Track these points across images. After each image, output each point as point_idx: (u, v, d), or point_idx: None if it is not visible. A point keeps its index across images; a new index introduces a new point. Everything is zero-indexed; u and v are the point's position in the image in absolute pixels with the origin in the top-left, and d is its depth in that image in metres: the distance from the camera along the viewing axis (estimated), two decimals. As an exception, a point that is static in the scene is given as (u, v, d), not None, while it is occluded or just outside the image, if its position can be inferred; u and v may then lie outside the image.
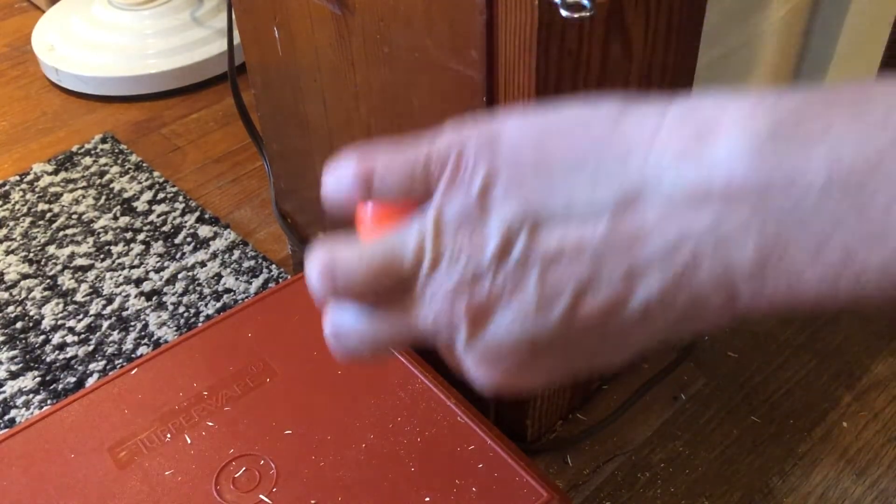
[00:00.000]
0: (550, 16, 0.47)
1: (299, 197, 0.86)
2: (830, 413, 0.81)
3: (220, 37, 1.35)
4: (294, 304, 0.73)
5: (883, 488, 0.75)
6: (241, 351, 0.69)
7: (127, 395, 0.66)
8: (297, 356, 0.68)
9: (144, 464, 0.60)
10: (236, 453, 0.61)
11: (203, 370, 0.67)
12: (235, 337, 0.70)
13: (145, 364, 0.68)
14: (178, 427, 0.63)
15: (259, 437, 0.62)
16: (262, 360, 0.68)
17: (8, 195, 1.13)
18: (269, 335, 0.70)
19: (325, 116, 0.71)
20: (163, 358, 0.69)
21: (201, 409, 0.64)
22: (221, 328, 0.71)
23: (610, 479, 0.76)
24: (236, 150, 1.21)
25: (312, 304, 0.71)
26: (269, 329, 0.71)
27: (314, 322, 0.70)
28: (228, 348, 0.69)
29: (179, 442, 0.62)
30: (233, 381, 0.66)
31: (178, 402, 0.65)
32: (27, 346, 0.92)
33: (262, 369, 0.67)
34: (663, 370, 0.83)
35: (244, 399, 0.65)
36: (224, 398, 0.65)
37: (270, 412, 0.64)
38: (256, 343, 0.69)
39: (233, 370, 0.67)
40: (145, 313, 0.95)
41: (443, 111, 0.57)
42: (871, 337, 0.88)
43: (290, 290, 0.74)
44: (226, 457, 0.61)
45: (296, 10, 0.66)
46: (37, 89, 1.36)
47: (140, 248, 1.04)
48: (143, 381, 0.67)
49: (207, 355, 0.69)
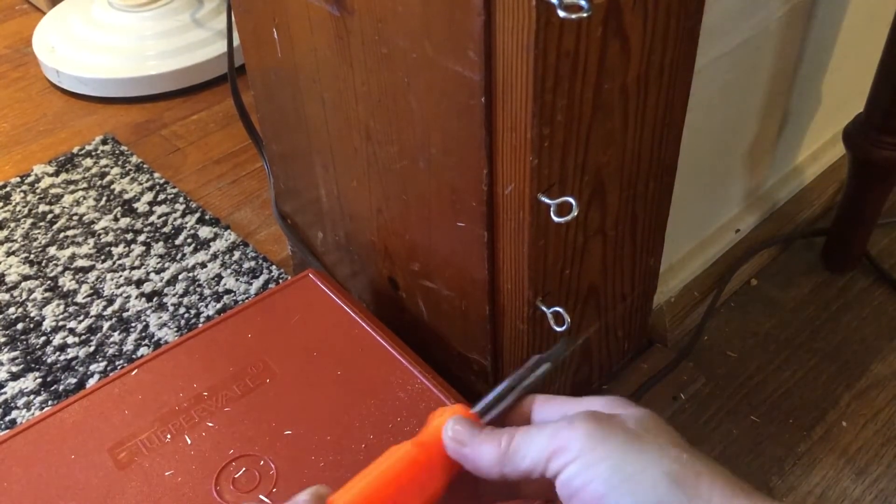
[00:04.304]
0: (548, 17, 0.47)
1: (299, 198, 0.86)
2: (830, 412, 0.81)
3: (220, 38, 1.36)
4: (293, 304, 0.73)
5: (882, 488, 0.75)
6: (241, 352, 0.69)
7: (127, 396, 0.66)
8: (297, 357, 0.68)
9: (144, 464, 0.61)
10: (236, 454, 0.61)
11: (203, 371, 0.68)
12: (235, 338, 0.70)
13: (145, 365, 0.68)
14: (178, 428, 0.63)
15: (259, 438, 0.62)
16: (262, 361, 0.68)
17: (9, 196, 1.13)
18: (269, 336, 0.70)
19: (324, 117, 0.71)
20: (163, 359, 0.69)
21: (201, 410, 0.64)
22: (221, 329, 0.71)
23: (610, 479, 0.76)
24: (236, 152, 1.21)
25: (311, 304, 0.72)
26: (269, 330, 0.71)
27: (313, 323, 0.71)
28: (228, 349, 0.69)
29: (179, 442, 0.62)
30: (233, 381, 0.66)
31: (178, 402, 0.65)
32: (28, 348, 0.92)
33: (262, 370, 0.67)
34: (662, 369, 0.84)
35: (244, 400, 0.65)
36: (224, 399, 0.65)
37: (270, 413, 0.64)
38: (256, 344, 0.70)
39: (232, 371, 0.67)
40: (146, 314, 0.95)
41: (441, 112, 0.57)
42: (871, 337, 0.88)
43: (289, 290, 0.74)
44: (226, 457, 0.61)
45: (295, 11, 0.66)
46: (37, 91, 1.37)
47: (141, 249, 1.04)
48: (144, 382, 0.67)
49: (207, 356, 0.69)
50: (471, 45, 0.51)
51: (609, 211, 0.65)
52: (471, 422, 0.40)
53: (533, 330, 0.66)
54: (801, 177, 1.00)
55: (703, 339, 0.88)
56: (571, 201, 0.56)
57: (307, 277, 0.75)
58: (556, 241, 0.62)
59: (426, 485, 0.41)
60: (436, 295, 0.72)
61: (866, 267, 0.95)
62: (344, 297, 0.73)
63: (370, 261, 0.79)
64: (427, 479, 0.41)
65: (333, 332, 0.70)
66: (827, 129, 1.01)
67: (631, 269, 0.74)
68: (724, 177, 0.88)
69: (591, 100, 0.55)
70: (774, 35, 0.78)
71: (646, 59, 0.57)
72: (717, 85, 0.74)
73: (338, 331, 0.70)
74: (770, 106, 0.86)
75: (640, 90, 0.59)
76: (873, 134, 0.81)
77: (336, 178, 0.76)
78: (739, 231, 0.94)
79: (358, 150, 0.69)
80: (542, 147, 0.53)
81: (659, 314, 0.86)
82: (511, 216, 0.59)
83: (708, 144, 0.80)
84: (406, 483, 0.40)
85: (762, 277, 0.95)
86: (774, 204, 0.98)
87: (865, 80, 0.81)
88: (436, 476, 0.41)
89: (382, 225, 0.73)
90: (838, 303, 0.92)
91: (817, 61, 0.89)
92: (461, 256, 0.65)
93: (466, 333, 0.72)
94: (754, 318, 0.90)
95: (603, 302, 0.74)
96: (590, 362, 0.79)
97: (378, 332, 0.70)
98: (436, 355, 0.78)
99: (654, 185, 0.68)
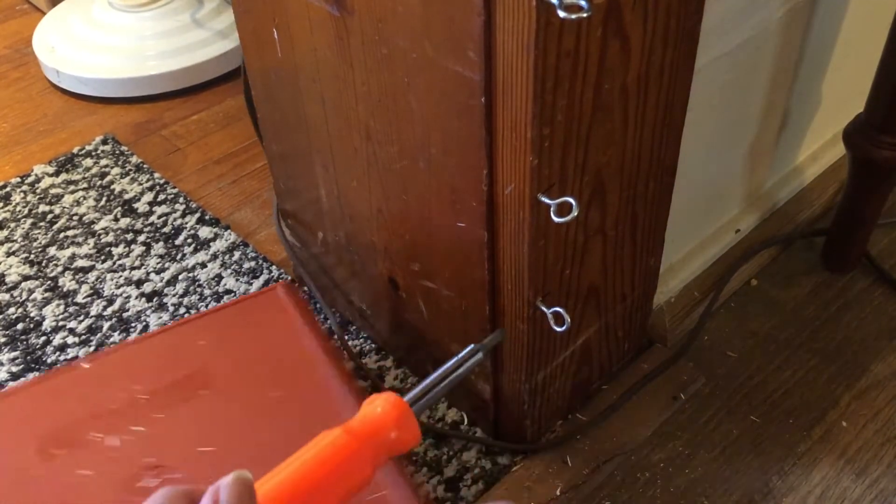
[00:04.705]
0: (548, 17, 0.47)
1: (299, 198, 0.86)
2: (830, 412, 0.81)
3: (220, 38, 1.36)
4: (254, 318, 0.71)
5: (882, 488, 0.75)
6: (189, 359, 0.68)
7: (69, 391, 0.65)
8: (241, 372, 0.67)
9: (67, 460, 0.60)
10: (156, 462, 0.60)
11: (148, 374, 0.66)
12: (187, 344, 0.69)
13: (98, 360, 0.67)
14: (109, 428, 0.62)
15: (181, 450, 0.61)
16: (206, 373, 0.67)
17: (9, 197, 1.13)
18: (221, 347, 0.69)
19: (324, 117, 0.71)
20: (114, 356, 0.68)
21: (135, 413, 0.63)
22: (177, 333, 0.70)
23: (609, 479, 0.76)
24: (237, 152, 1.21)
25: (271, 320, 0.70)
26: (222, 340, 0.69)
27: (267, 339, 0.69)
28: (177, 355, 0.68)
29: (106, 443, 0.61)
30: (173, 388, 0.65)
31: (116, 402, 0.64)
32: (28, 348, 0.92)
33: (204, 382, 0.66)
34: (663, 370, 0.84)
35: (179, 409, 0.64)
36: (159, 405, 0.64)
37: (199, 426, 0.63)
38: (206, 353, 0.68)
39: (175, 378, 0.66)
40: (146, 314, 0.95)
41: (441, 112, 0.57)
42: (871, 337, 0.88)
43: (253, 302, 0.73)
44: (143, 465, 0.60)
45: (295, 11, 0.66)
46: (38, 91, 1.37)
47: (141, 249, 1.04)
48: (91, 377, 0.66)
49: (156, 359, 0.68)
50: (471, 45, 0.51)
51: (609, 211, 0.65)
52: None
53: (533, 330, 0.66)
54: (801, 177, 1.00)
55: (703, 340, 0.88)
56: (571, 201, 0.56)
57: (274, 291, 0.74)
58: (556, 241, 0.62)
59: (354, 472, 0.40)
60: (436, 295, 0.72)
61: (866, 267, 0.95)
62: (305, 316, 0.71)
63: (370, 261, 0.79)
64: (356, 466, 0.40)
65: (284, 352, 0.68)
66: (827, 129, 1.01)
67: (631, 269, 0.74)
68: (724, 177, 0.88)
69: (591, 100, 0.55)
70: (774, 35, 0.78)
71: (646, 59, 0.57)
72: (717, 85, 0.74)
73: (289, 351, 0.68)
74: (770, 106, 0.86)
75: (640, 90, 0.59)
76: (873, 134, 0.81)
77: (336, 178, 0.76)
78: (739, 231, 0.94)
79: (358, 150, 0.69)
80: (542, 147, 0.53)
81: (659, 314, 0.86)
82: (511, 216, 0.59)
83: (708, 144, 0.80)
84: (333, 469, 0.40)
85: (762, 277, 0.95)
86: (774, 204, 0.98)
87: (865, 80, 0.81)
88: (364, 464, 0.41)
89: (382, 225, 0.73)
90: (838, 303, 0.92)
91: (817, 61, 0.89)
92: (461, 256, 0.65)
93: (466, 333, 0.72)
94: (754, 318, 0.90)
95: (603, 302, 0.74)
96: (590, 362, 0.79)
97: (329, 357, 0.68)
98: (436, 355, 0.79)
99: (654, 185, 0.68)
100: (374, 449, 0.42)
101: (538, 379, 0.72)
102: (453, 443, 0.79)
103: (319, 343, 0.69)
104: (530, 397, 0.73)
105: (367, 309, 0.86)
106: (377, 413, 0.43)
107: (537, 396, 0.74)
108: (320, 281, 0.92)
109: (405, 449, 0.44)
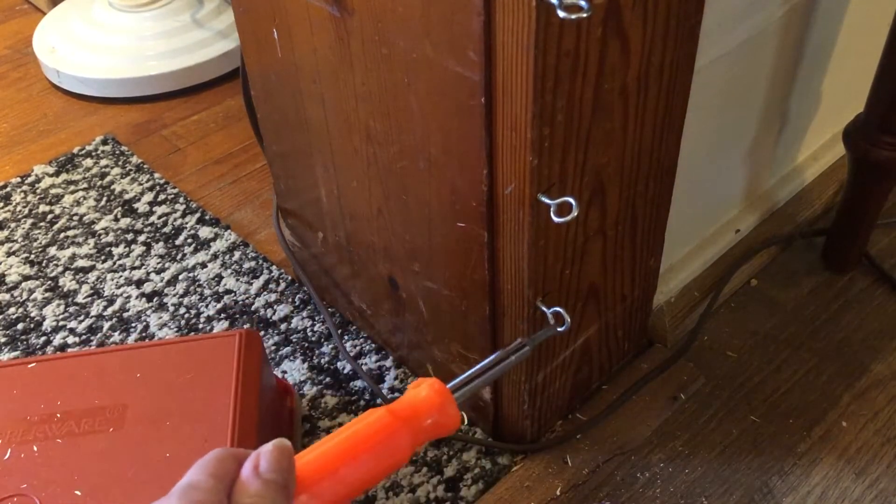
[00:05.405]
0: (548, 17, 0.47)
1: (299, 198, 0.86)
2: (830, 412, 0.81)
3: (220, 38, 1.36)
4: (199, 360, 0.68)
5: (882, 488, 0.75)
6: (117, 387, 0.65)
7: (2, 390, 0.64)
8: (158, 416, 0.64)
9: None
10: (26, 490, 0.58)
11: (73, 392, 0.65)
12: (124, 371, 0.67)
13: (41, 364, 0.66)
14: (10, 439, 0.61)
15: (56, 484, 0.59)
16: (124, 407, 0.64)
17: (9, 197, 1.13)
18: (152, 383, 0.66)
19: (324, 117, 0.71)
20: (57, 364, 0.67)
21: (40, 431, 0.62)
22: (120, 357, 0.68)
23: (609, 479, 0.76)
24: (237, 152, 1.21)
25: (215, 367, 0.67)
26: (157, 376, 0.67)
27: (202, 387, 0.66)
28: (108, 379, 0.66)
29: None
30: (86, 414, 0.63)
31: (31, 413, 0.63)
32: (28, 348, 0.92)
33: (117, 416, 0.63)
34: (662, 370, 0.84)
35: (80, 438, 0.62)
36: (65, 429, 0.62)
37: (86, 464, 0.60)
38: (135, 386, 0.66)
39: (94, 404, 0.64)
40: (146, 314, 0.95)
41: (441, 112, 0.57)
42: (871, 337, 0.88)
43: (206, 344, 0.70)
44: (14, 490, 0.58)
45: (294, 11, 0.66)
46: (38, 91, 1.37)
47: (141, 249, 1.04)
48: (22, 380, 0.65)
49: (88, 379, 0.66)
50: (471, 45, 0.51)
51: (609, 211, 0.65)
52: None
53: (533, 330, 0.66)
54: (801, 177, 1.00)
55: (702, 340, 0.88)
56: (571, 201, 0.56)
57: (232, 338, 0.70)
58: (556, 241, 0.62)
59: (392, 451, 0.41)
60: (436, 295, 0.72)
61: (866, 267, 0.95)
62: (251, 372, 0.67)
63: (370, 261, 0.79)
64: (394, 445, 0.42)
65: (210, 404, 0.65)
66: (827, 129, 1.01)
67: (631, 269, 0.74)
68: (724, 177, 0.88)
69: (591, 100, 0.55)
70: (774, 35, 0.78)
71: (646, 59, 0.57)
72: (717, 85, 0.74)
73: (216, 404, 0.65)
74: (770, 106, 0.86)
75: (640, 90, 0.59)
76: (873, 134, 0.81)
77: (336, 178, 0.76)
78: (739, 231, 0.94)
79: (358, 151, 0.69)
80: (542, 147, 0.53)
81: (659, 314, 0.86)
82: (511, 216, 0.59)
83: (708, 144, 0.80)
84: (373, 446, 0.41)
85: (762, 277, 0.95)
86: (774, 204, 0.98)
87: (865, 80, 0.81)
88: (403, 445, 0.42)
89: (382, 225, 0.73)
90: (838, 303, 0.92)
91: (817, 61, 0.89)
92: (461, 256, 0.65)
93: (466, 333, 0.72)
94: (754, 318, 0.90)
95: (603, 302, 0.74)
96: (590, 362, 0.79)
97: (253, 420, 0.64)
98: (436, 355, 0.79)
99: (654, 185, 0.68)
100: (414, 431, 0.43)
101: (538, 379, 0.72)
102: (453, 443, 0.79)
103: (250, 403, 0.65)
104: (530, 397, 0.73)
105: (367, 309, 0.86)
106: (421, 397, 0.45)
107: (537, 396, 0.74)
108: (320, 281, 0.92)
109: (444, 433, 0.45)
